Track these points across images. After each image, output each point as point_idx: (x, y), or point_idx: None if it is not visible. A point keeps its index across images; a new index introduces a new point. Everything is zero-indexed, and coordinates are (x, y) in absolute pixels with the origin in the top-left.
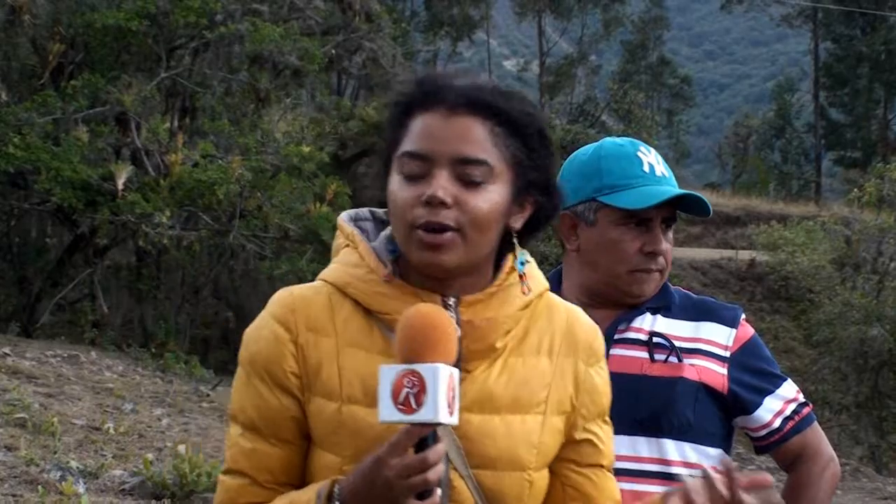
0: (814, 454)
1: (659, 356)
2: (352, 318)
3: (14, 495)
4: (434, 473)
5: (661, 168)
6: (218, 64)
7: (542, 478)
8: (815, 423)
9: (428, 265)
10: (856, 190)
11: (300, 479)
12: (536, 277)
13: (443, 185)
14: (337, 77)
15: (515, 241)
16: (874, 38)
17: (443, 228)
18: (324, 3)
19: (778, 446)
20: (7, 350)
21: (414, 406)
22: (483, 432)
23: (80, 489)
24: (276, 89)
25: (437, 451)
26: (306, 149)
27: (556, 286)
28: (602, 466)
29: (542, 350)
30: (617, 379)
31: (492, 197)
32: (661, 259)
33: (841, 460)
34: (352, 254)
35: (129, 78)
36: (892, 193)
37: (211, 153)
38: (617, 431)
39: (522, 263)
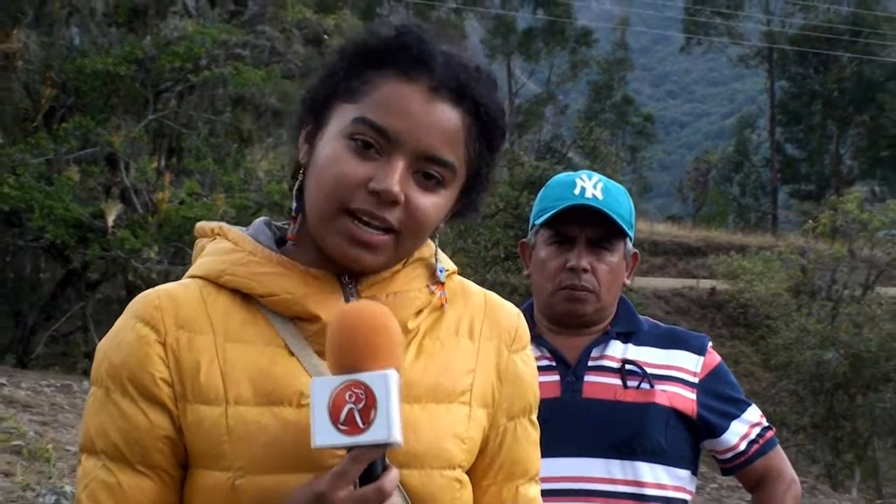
0: (777, 476)
1: (631, 383)
2: (230, 311)
3: None
4: None
5: (595, 192)
6: (202, 106)
7: (469, 485)
8: (778, 446)
9: (347, 260)
10: (810, 221)
11: None
12: (445, 262)
13: (400, 179)
14: None
15: (436, 239)
16: (827, 76)
17: (382, 228)
18: (303, 48)
19: (743, 468)
20: (3, 381)
21: (361, 425)
22: (405, 424)
23: None
24: (258, 130)
25: (392, 478)
26: (287, 186)
27: (528, 318)
28: (522, 480)
29: (462, 332)
30: (591, 405)
31: (441, 202)
32: (587, 277)
33: (798, 478)
34: (221, 242)
35: (118, 120)
36: (845, 224)
37: (196, 191)
38: (592, 454)
39: (442, 271)
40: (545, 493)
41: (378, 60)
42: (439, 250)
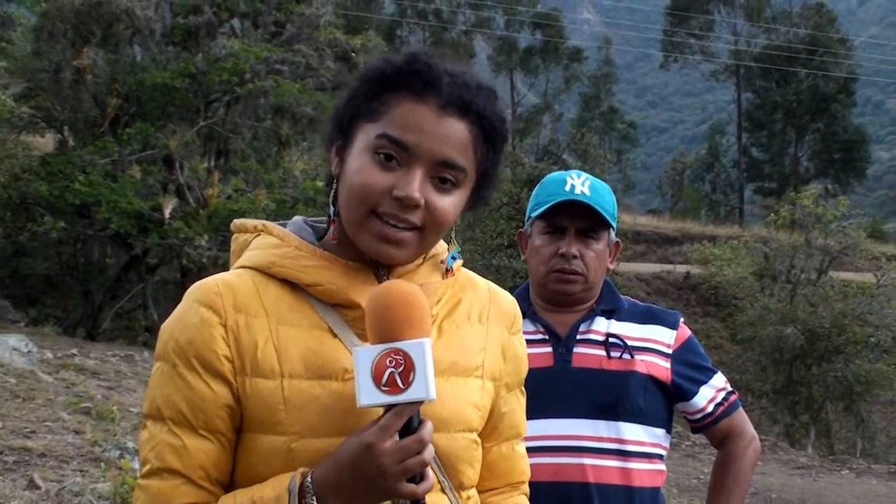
0: (739, 434)
1: (614, 354)
2: (280, 297)
3: (82, 471)
4: (429, 453)
5: (583, 189)
6: (247, 114)
7: (481, 445)
8: (741, 408)
9: (380, 256)
10: (772, 214)
11: (229, 478)
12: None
13: (419, 186)
14: None
15: (453, 235)
16: (787, 89)
17: (407, 226)
18: (333, 64)
19: (711, 427)
20: (75, 351)
21: (401, 386)
22: None
23: (136, 465)
24: (295, 135)
25: (429, 430)
26: (320, 184)
27: (525, 298)
28: (516, 440)
29: (473, 317)
30: (580, 373)
31: (457, 201)
32: (576, 262)
33: (761, 437)
34: (267, 238)
35: (173, 126)
36: (802, 217)
37: (242, 188)
38: (581, 416)
39: (453, 258)
40: (542, 449)
41: (393, 84)
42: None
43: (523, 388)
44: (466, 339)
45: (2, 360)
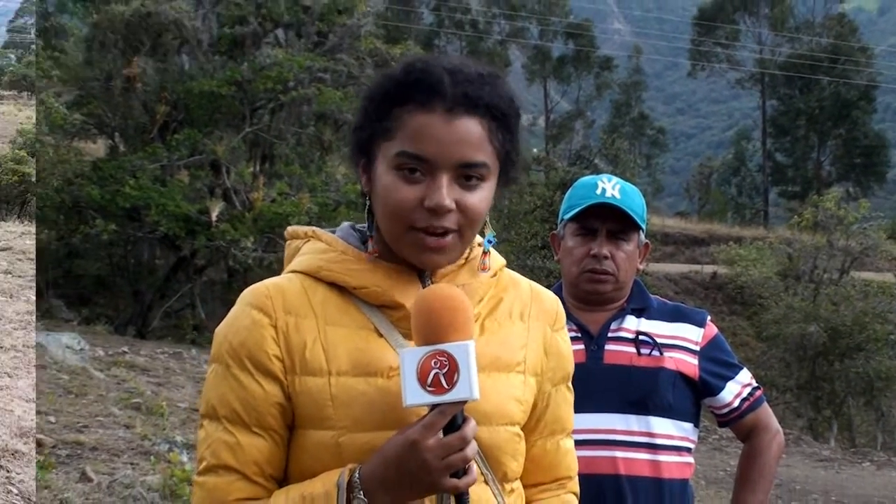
0: (764, 428)
1: (644, 350)
2: (328, 300)
3: (132, 464)
4: (471, 450)
5: (613, 192)
6: (291, 121)
7: (524, 438)
8: (766, 403)
9: (424, 264)
10: (796, 217)
11: (283, 473)
12: (495, 255)
13: (447, 192)
14: None
15: (487, 220)
16: (810, 97)
17: (445, 232)
18: (374, 72)
19: (736, 421)
20: (125, 349)
21: (446, 386)
22: None
23: (184, 458)
24: (336, 140)
25: (472, 427)
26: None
27: (558, 296)
28: (562, 435)
29: (515, 315)
30: (611, 369)
31: (486, 194)
32: (607, 262)
33: (785, 430)
34: (316, 244)
35: (220, 132)
36: (825, 219)
37: (286, 191)
38: (612, 411)
39: (490, 241)
40: (575, 443)
41: (398, 98)
42: (492, 249)
43: (570, 385)
44: (508, 336)
45: (55, 357)
